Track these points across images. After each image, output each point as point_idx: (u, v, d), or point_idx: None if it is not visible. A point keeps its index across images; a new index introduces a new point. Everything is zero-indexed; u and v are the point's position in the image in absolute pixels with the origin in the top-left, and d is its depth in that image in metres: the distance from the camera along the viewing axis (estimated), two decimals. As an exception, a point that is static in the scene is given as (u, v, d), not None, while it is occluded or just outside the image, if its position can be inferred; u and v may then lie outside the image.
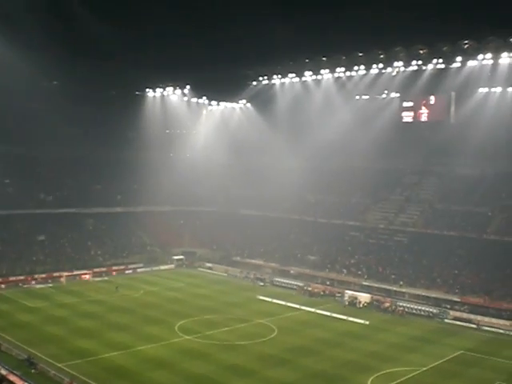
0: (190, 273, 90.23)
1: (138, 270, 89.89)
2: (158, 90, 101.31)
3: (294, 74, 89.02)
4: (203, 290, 78.30)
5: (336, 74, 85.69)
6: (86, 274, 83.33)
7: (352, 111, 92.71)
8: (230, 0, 69.18)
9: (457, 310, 66.40)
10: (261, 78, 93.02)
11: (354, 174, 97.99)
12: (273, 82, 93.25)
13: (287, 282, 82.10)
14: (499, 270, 70.63)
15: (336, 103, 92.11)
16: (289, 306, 69.48)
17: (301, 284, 79.85)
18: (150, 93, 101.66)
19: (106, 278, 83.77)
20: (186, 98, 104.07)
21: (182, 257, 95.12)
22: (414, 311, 68.15)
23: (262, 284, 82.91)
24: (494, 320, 62.75)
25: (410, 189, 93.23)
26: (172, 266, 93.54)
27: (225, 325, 59.75)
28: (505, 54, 70.59)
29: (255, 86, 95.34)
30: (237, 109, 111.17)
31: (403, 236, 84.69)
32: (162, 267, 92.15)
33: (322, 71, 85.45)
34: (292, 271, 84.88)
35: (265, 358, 49.27)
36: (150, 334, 55.61)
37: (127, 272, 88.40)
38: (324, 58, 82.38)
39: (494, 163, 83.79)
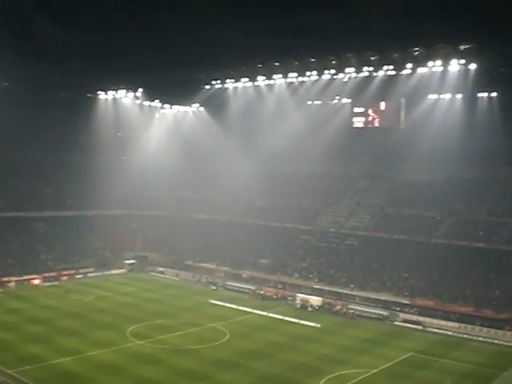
0: (141, 277, 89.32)
1: (89, 274, 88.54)
2: (110, 93, 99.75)
3: (246, 79, 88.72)
4: (155, 294, 77.66)
5: (288, 79, 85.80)
6: (35, 278, 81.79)
7: (304, 116, 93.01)
8: (184, 3, 68.60)
9: (406, 313, 67.46)
10: (214, 82, 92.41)
11: (305, 179, 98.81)
12: (226, 86, 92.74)
13: (239, 285, 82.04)
14: (448, 273, 72.16)
15: (288, 108, 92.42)
16: (241, 310, 69.43)
17: (253, 288, 79.88)
18: (101, 95, 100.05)
19: (56, 283, 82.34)
20: (138, 101, 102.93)
21: (133, 261, 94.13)
22: (365, 314, 68.89)
23: (214, 288, 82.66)
24: (442, 322, 64.03)
25: (360, 193, 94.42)
26: (123, 270, 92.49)
27: (177, 329, 59.37)
28: (454, 61, 71.67)
29: (208, 89, 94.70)
30: (190, 112, 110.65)
31: (354, 240, 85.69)
32: (114, 272, 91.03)
33: (275, 76, 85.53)
34: (244, 275, 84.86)
35: (217, 362, 49.14)
36: (101, 339, 54.85)
37: (78, 277, 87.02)
38: (277, 63, 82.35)
39: (443, 168, 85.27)
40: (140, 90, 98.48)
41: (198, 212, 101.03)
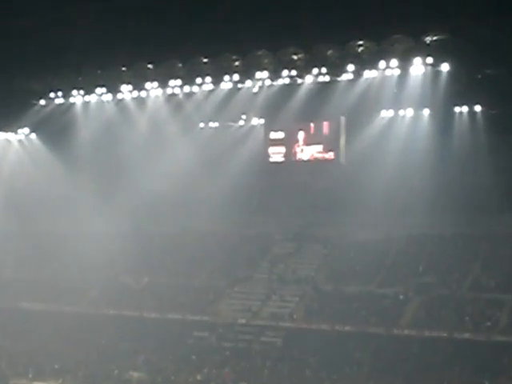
0: None
1: None
2: None
3: (103, 89, 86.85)
4: None
5: (169, 90, 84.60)
6: None
7: (195, 146, 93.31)
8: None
9: None
10: (52, 95, 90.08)
11: (199, 243, 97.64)
12: (71, 100, 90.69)
13: (98, 415, 78.97)
14: (420, 379, 71.19)
15: (170, 134, 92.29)
16: None
17: (119, 417, 76.93)
18: None
19: None
20: None
21: None
22: None
23: (57, 421, 79.17)
24: None
25: (282, 263, 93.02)
26: None
27: None
28: (417, 61, 71.82)
29: (43, 106, 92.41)
30: (14, 142, 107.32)
31: (275, 335, 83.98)
32: None
33: (148, 85, 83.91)
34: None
35: None
36: None
37: None
38: (150, 66, 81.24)
39: (404, 222, 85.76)
40: None
41: (28, 300, 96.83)
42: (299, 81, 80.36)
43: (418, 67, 73.09)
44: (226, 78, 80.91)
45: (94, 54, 76.67)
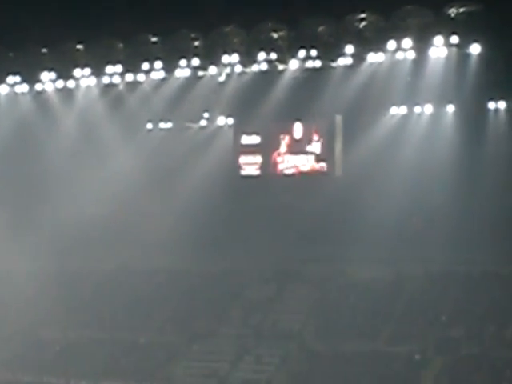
0: None
1: None
2: None
3: (18, 77, 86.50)
4: None
5: (105, 79, 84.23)
6: None
7: (140, 154, 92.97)
8: None
9: None
10: None
11: (145, 285, 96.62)
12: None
13: None
14: None
15: (106, 138, 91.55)
16: None
17: None
18: None
19: None
20: None
21: None
22: None
23: None
24: None
25: (259, 311, 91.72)
26: None
27: None
28: (438, 40, 71.30)
29: None
30: None
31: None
32: None
33: (78, 72, 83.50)
34: None
35: None
36: None
37: None
38: (80, 46, 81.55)
39: (422, 255, 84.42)
40: None
41: None
42: (280, 67, 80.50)
43: (440, 49, 72.88)
44: (183, 62, 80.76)
45: (5, 31, 75.90)
